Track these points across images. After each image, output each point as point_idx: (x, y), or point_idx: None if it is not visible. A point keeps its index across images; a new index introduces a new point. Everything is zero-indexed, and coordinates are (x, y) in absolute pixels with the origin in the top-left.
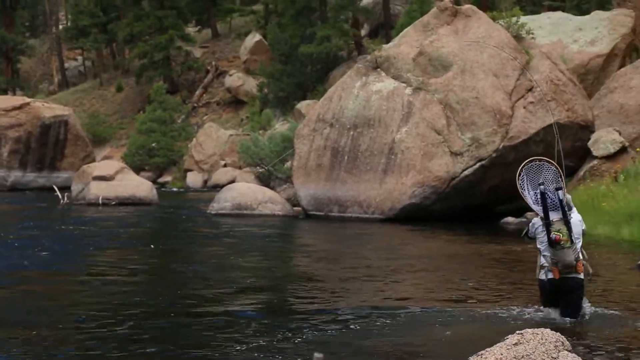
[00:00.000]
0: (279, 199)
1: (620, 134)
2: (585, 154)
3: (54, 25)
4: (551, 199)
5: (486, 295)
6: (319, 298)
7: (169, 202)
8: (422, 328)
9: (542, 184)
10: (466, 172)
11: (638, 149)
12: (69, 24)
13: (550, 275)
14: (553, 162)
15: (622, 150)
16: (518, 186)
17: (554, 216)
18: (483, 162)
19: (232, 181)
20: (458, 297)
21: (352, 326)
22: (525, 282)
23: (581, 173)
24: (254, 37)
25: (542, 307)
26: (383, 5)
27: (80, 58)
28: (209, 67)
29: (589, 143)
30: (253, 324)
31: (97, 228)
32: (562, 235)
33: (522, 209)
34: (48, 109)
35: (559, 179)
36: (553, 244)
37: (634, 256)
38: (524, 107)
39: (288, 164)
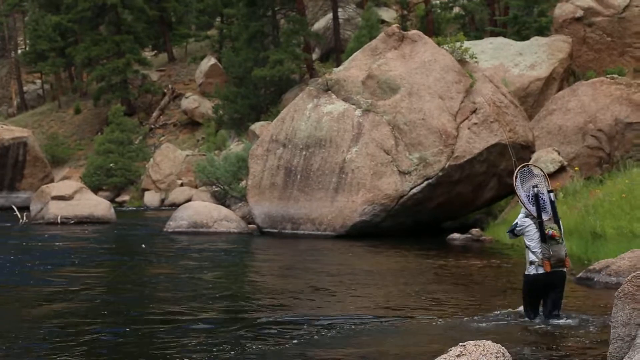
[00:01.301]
0: (234, 217)
1: (559, 153)
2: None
3: (13, 49)
4: (543, 200)
5: (431, 307)
6: (269, 310)
7: (127, 220)
8: (367, 339)
9: (536, 186)
10: (414, 190)
11: (576, 168)
12: (27, 48)
13: (541, 270)
14: (540, 167)
15: (561, 169)
16: (515, 187)
17: (545, 216)
18: (430, 181)
19: (189, 200)
20: (404, 309)
21: (298, 337)
22: (469, 294)
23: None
24: (209, 61)
25: (523, 310)
26: (333, 31)
27: (38, 81)
28: (165, 90)
29: (530, 162)
30: (204, 335)
31: (56, 246)
32: (557, 232)
33: (467, 225)
34: (7, 131)
35: (548, 182)
36: (548, 239)
37: (573, 270)
38: (469, 128)
39: (243, 182)
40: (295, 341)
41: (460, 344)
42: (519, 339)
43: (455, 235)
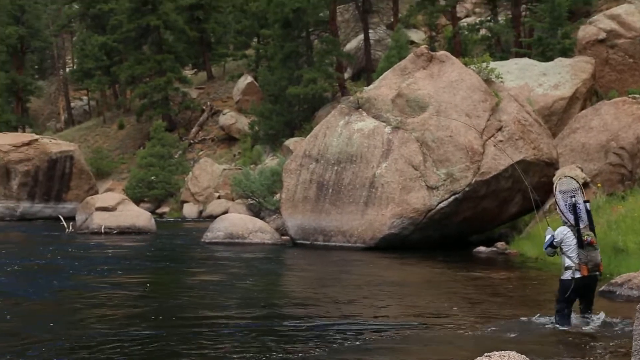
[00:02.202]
0: (269, 229)
1: (582, 170)
2: (551, 189)
3: (61, 67)
4: (579, 209)
5: (459, 317)
6: (302, 317)
7: (167, 231)
8: (395, 347)
9: (574, 196)
10: (441, 205)
11: (599, 184)
12: (75, 66)
13: (578, 274)
14: (575, 178)
15: (584, 185)
16: (554, 197)
17: (581, 224)
18: (457, 196)
19: (225, 212)
20: (433, 318)
21: (329, 344)
22: (495, 304)
23: (547, 206)
24: (246, 79)
25: (556, 316)
26: (364, 51)
27: (85, 98)
28: (204, 107)
29: (554, 179)
30: (241, 339)
31: (100, 254)
32: (594, 239)
33: (493, 239)
34: (55, 145)
35: (583, 193)
36: (587, 246)
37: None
38: (494, 145)
39: (277, 196)
40: (327, 349)
41: (485, 354)
42: (543, 349)
43: (481, 248)
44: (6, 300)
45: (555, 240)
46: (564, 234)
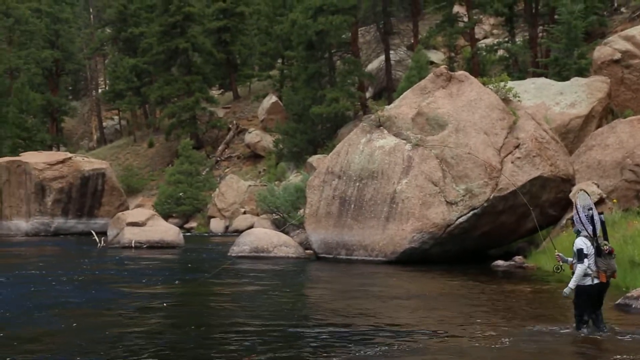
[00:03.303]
0: (293, 243)
1: (598, 186)
2: (567, 205)
3: (94, 89)
4: (596, 221)
5: (477, 329)
6: (326, 326)
7: (194, 245)
8: (414, 358)
9: (591, 209)
10: (460, 220)
11: (614, 200)
12: (107, 87)
13: (596, 281)
14: (589, 193)
15: (600, 201)
16: (575, 209)
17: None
18: (475, 211)
19: (251, 227)
20: (451, 331)
21: (356, 352)
22: (513, 316)
23: (564, 221)
24: (271, 99)
25: (576, 322)
26: (385, 71)
27: (116, 118)
28: (230, 126)
29: (570, 195)
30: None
31: (132, 267)
32: (612, 248)
33: (511, 253)
34: (88, 162)
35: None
36: (607, 255)
37: (611, 297)
38: (512, 162)
39: (301, 211)
40: (351, 356)
41: None
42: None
43: (500, 262)
44: (68, 310)
45: (584, 250)
46: (587, 244)
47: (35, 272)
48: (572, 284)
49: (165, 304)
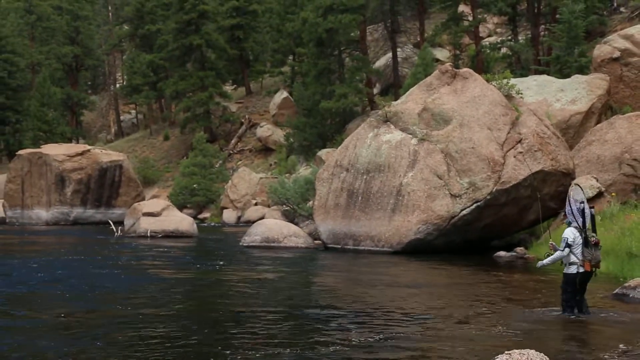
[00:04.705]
0: (302, 233)
1: (597, 180)
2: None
3: (112, 83)
4: (586, 214)
5: (480, 316)
6: (334, 310)
7: (208, 235)
8: (422, 343)
9: (583, 202)
10: (464, 212)
11: (613, 194)
12: (124, 82)
13: (581, 269)
14: (580, 185)
15: (599, 194)
16: (568, 200)
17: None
18: (479, 203)
19: (262, 217)
20: (455, 317)
21: (364, 336)
22: (515, 304)
23: (562, 215)
24: (282, 94)
25: (563, 307)
26: (393, 68)
27: (133, 111)
28: (243, 120)
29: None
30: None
31: (148, 255)
32: (599, 240)
33: (513, 244)
34: (106, 155)
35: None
36: (593, 245)
37: (609, 287)
38: (514, 157)
39: (310, 203)
40: (358, 340)
41: (506, 352)
42: (563, 349)
43: (502, 253)
44: (108, 293)
45: (569, 240)
46: (575, 234)
47: (63, 259)
48: (545, 261)
49: (186, 287)
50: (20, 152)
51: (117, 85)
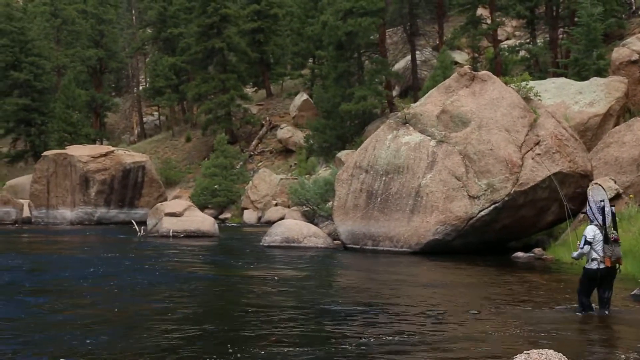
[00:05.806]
0: (322, 234)
1: (615, 182)
2: (585, 199)
3: (135, 86)
4: (607, 212)
5: (499, 316)
6: (354, 308)
7: (229, 235)
8: (439, 343)
9: (603, 200)
10: (482, 213)
11: (631, 195)
12: (147, 85)
13: (602, 265)
14: (602, 185)
15: (617, 196)
16: (588, 198)
17: (607, 224)
18: (497, 205)
19: (282, 218)
20: (474, 317)
21: (381, 335)
22: (534, 304)
23: (581, 215)
24: (302, 97)
25: (579, 305)
26: (412, 71)
27: (156, 113)
28: (263, 122)
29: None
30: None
31: (170, 255)
32: (619, 236)
33: (530, 245)
34: (129, 156)
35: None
36: (613, 242)
37: (628, 288)
38: (532, 158)
39: (329, 203)
40: (374, 339)
41: (524, 352)
42: (581, 350)
43: (519, 254)
44: (146, 289)
45: (588, 237)
46: (595, 232)
47: (92, 257)
48: (574, 254)
49: (210, 286)
50: (46, 153)
51: (140, 88)
